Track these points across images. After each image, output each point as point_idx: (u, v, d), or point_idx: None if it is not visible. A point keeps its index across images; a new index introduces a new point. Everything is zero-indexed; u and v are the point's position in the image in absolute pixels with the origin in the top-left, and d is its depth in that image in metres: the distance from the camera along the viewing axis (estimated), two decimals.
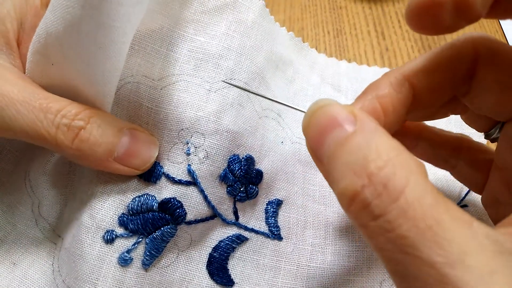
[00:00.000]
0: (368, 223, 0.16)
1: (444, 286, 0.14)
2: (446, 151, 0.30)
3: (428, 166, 0.27)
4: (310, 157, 0.34)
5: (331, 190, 0.34)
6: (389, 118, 0.23)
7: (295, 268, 0.32)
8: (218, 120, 0.30)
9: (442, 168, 0.31)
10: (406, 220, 0.15)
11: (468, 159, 0.30)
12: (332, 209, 0.34)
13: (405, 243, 0.15)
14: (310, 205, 0.34)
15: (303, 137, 0.35)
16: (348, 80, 0.41)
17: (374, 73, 0.43)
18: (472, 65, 0.23)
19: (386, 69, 0.44)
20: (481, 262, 0.14)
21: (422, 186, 0.16)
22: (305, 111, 0.21)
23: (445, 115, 0.28)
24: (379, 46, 0.49)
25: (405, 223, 0.15)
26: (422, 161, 0.21)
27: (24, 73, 0.27)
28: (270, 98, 0.26)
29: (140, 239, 0.28)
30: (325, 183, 0.35)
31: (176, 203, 0.29)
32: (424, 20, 0.20)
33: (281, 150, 0.34)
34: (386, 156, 0.16)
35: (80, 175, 0.31)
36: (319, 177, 0.35)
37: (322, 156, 0.19)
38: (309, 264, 0.32)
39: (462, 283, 0.14)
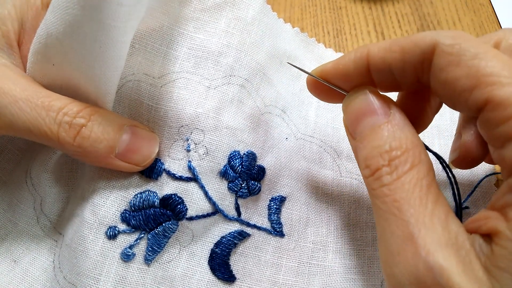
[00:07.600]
0: (377, 188, 0.22)
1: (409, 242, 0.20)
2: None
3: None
4: (315, 154, 0.35)
5: (334, 188, 0.35)
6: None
7: (296, 265, 0.32)
8: (217, 116, 0.30)
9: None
10: (401, 191, 0.21)
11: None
12: (334, 207, 0.34)
13: (395, 205, 0.21)
14: (313, 202, 0.34)
15: (308, 133, 0.35)
16: None
17: None
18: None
19: None
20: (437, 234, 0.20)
21: (422, 174, 0.22)
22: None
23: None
24: None
25: (400, 193, 0.21)
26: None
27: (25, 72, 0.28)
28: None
29: (142, 235, 0.28)
30: (328, 180, 0.35)
31: (177, 199, 0.29)
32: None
33: (286, 146, 0.34)
34: (405, 148, 0.22)
35: (82, 173, 0.31)
36: (322, 174, 0.35)
37: (355, 133, 0.25)
38: (310, 261, 0.32)
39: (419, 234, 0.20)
